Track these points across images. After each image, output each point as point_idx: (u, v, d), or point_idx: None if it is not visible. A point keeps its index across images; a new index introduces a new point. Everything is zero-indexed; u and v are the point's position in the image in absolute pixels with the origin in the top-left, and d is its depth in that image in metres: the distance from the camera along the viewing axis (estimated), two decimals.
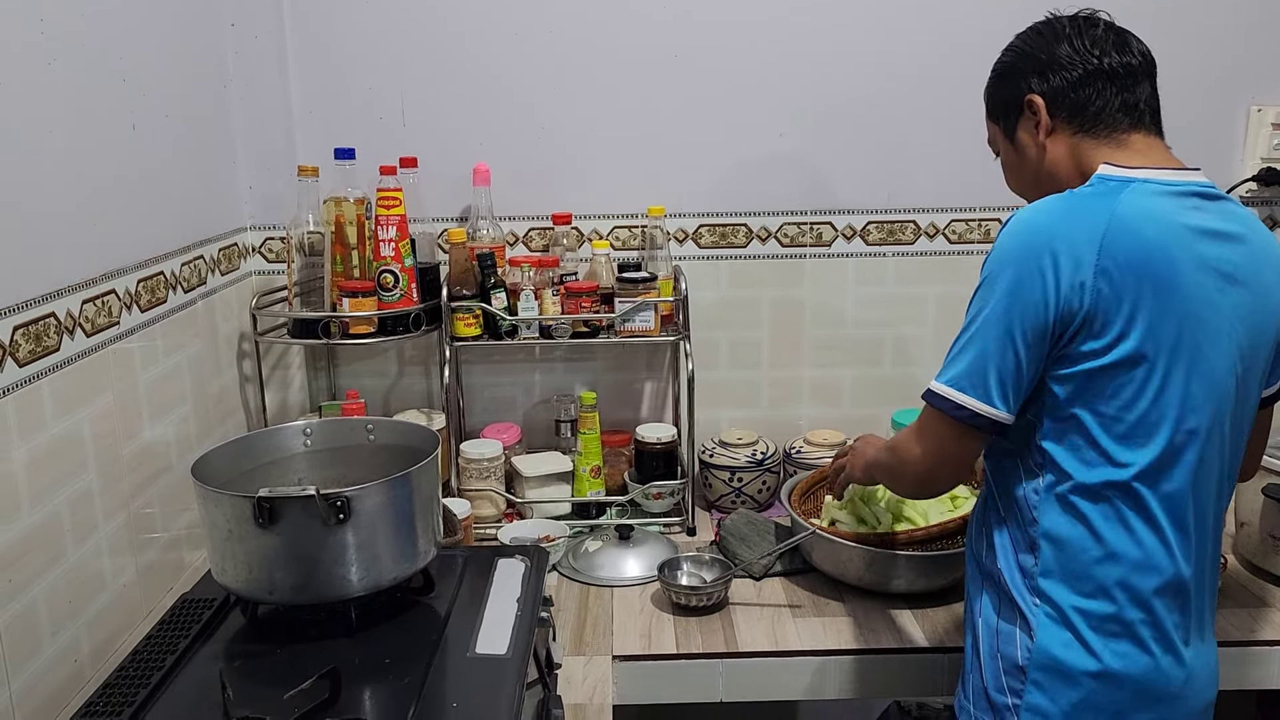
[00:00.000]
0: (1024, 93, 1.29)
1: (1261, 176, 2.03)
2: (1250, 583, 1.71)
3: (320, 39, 1.96)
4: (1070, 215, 1.16)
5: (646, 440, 1.98)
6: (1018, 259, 1.15)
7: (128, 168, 1.51)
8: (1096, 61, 1.24)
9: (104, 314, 1.42)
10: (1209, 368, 1.16)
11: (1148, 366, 1.14)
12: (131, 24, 1.53)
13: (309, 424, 1.43)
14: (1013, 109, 1.32)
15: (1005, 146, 1.36)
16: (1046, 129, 1.27)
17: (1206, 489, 1.21)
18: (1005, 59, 1.34)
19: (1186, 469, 1.17)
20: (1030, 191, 1.34)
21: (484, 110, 2.01)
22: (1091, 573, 1.18)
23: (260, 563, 1.19)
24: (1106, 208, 1.15)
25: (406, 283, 1.86)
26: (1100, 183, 1.20)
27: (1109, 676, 1.18)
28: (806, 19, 1.98)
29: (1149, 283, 1.13)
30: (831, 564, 1.67)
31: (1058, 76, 1.26)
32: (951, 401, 1.18)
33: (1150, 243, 1.13)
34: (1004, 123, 1.34)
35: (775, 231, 2.08)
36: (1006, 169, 1.38)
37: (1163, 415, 1.15)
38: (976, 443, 1.23)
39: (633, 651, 1.54)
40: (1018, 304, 1.14)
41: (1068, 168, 1.27)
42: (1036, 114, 1.28)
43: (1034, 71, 1.28)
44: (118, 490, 1.46)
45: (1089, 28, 1.27)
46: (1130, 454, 1.16)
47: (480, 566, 1.40)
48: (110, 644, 1.42)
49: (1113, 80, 1.24)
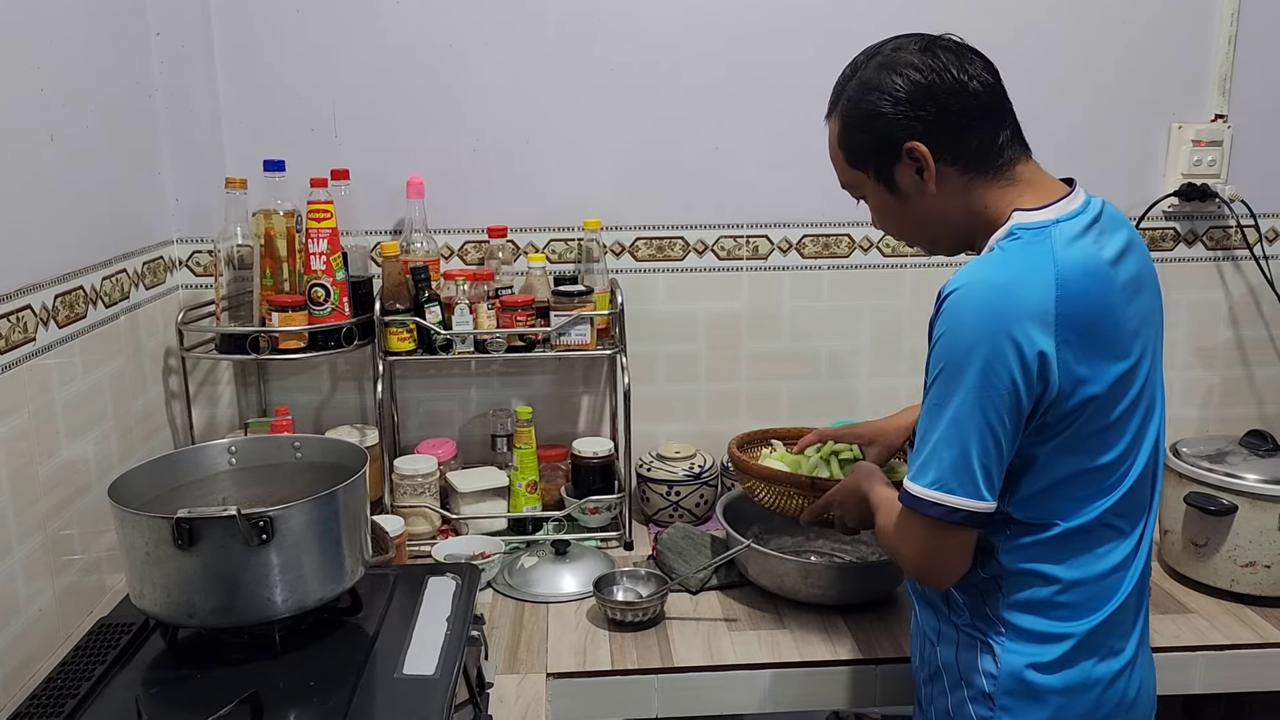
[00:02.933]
0: (901, 139, 1.19)
1: (1182, 192, 2.08)
2: (1174, 589, 1.75)
3: (249, 48, 1.93)
4: (1017, 287, 1.11)
5: (583, 455, 1.97)
6: (978, 344, 1.10)
7: (44, 180, 1.47)
8: (968, 94, 1.17)
9: (18, 330, 1.37)
10: (1153, 380, 1.20)
11: (1122, 411, 1.16)
12: (49, 31, 1.49)
13: (233, 442, 1.40)
14: (885, 155, 1.21)
15: (877, 193, 1.26)
16: (933, 175, 1.19)
17: (1151, 498, 1.24)
18: (865, 102, 1.20)
19: (1145, 482, 1.21)
20: (915, 236, 1.29)
21: (417, 122, 1.99)
22: (1056, 598, 1.19)
23: (180, 585, 1.16)
24: (1045, 271, 1.11)
25: (338, 296, 1.83)
26: (1022, 233, 1.16)
27: (1074, 690, 1.19)
28: (742, 32, 2.00)
29: (1100, 338, 1.13)
30: (768, 577, 1.67)
31: (935, 118, 1.17)
32: (943, 506, 1.13)
33: (1094, 299, 1.13)
34: (875, 169, 1.23)
35: (712, 244, 2.09)
36: (882, 215, 1.29)
37: (1129, 452, 1.18)
38: (970, 535, 1.18)
39: (567, 669, 1.53)
40: (990, 392, 1.10)
41: (959, 212, 1.21)
42: (919, 161, 1.19)
43: (908, 115, 1.18)
44: (33, 512, 1.41)
45: (946, 53, 1.18)
46: (1101, 498, 1.18)
47: (410, 585, 1.38)
48: (25, 671, 1.37)
49: (987, 112, 1.19)
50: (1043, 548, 1.18)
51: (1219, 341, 2.19)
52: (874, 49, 1.24)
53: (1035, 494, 1.17)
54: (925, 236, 1.28)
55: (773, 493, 1.62)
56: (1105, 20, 2.03)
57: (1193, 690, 1.61)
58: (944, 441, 1.12)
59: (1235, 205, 2.09)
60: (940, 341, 1.14)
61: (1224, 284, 2.17)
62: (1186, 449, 1.79)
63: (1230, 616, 1.66)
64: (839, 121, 1.26)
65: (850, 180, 1.29)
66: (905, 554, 1.21)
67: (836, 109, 1.27)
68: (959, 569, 1.20)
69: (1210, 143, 2.07)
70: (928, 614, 1.31)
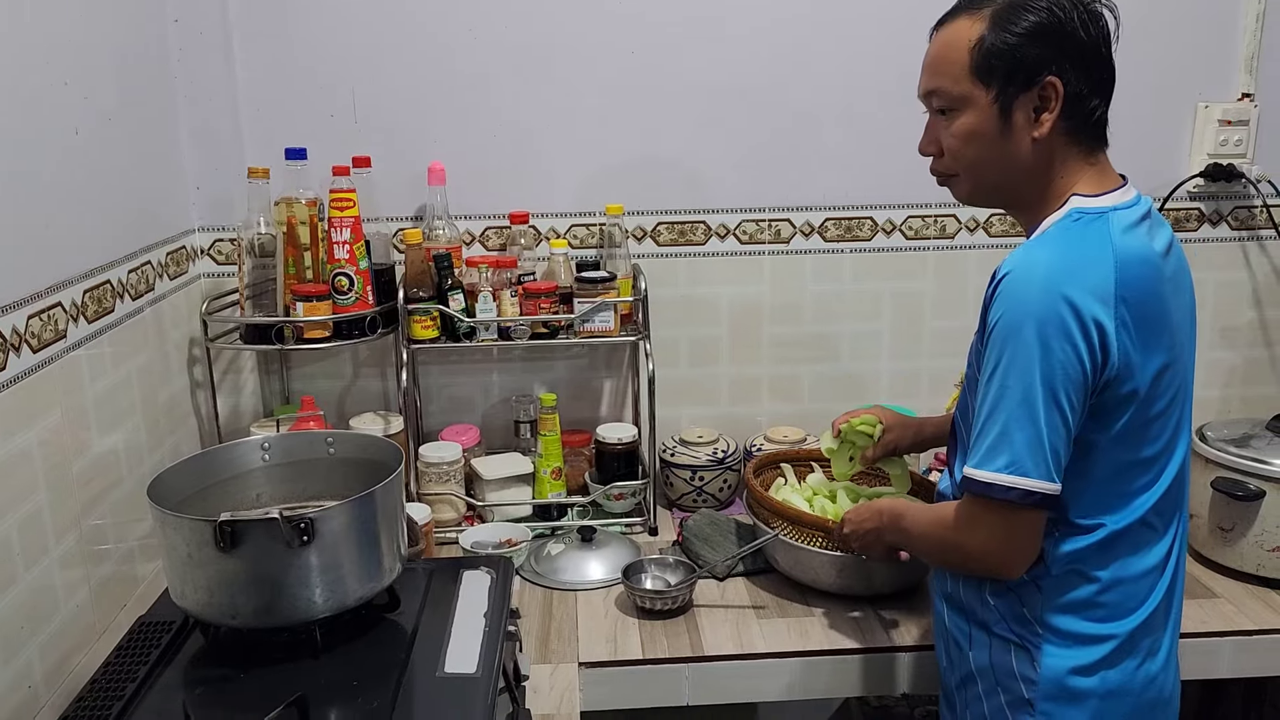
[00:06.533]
0: (1045, 69, 1.13)
1: (1208, 172, 2.06)
2: (1201, 574, 1.75)
3: (267, 34, 1.91)
4: (1076, 265, 1.10)
5: (607, 441, 1.97)
6: (1037, 315, 1.09)
7: (71, 174, 1.46)
8: (1109, 63, 1.17)
9: (50, 328, 1.37)
10: (1187, 379, 1.21)
11: (1164, 406, 1.16)
12: (71, 23, 1.47)
13: (267, 438, 1.40)
14: (1020, 79, 1.13)
15: (981, 115, 1.16)
16: (1052, 120, 1.15)
17: (1183, 495, 1.24)
18: (1039, 18, 1.13)
19: (1180, 482, 1.21)
20: (980, 173, 1.21)
21: (437, 107, 1.97)
22: (1098, 599, 1.19)
23: (222, 586, 1.17)
24: (1104, 252, 1.11)
25: (361, 285, 1.83)
26: (1081, 215, 1.16)
27: (1114, 693, 1.20)
28: (768, 19, 1.97)
29: (1151, 327, 1.13)
30: (799, 569, 1.66)
31: (1084, 67, 1.14)
32: (1019, 489, 1.10)
33: (1148, 286, 1.13)
34: (1000, 88, 1.14)
35: (734, 229, 2.08)
36: (966, 139, 1.18)
37: (1174, 446, 1.19)
38: (1043, 517, 1.15)
39: (599, 658, 1.54)
40: (1055, 365, 1.08)
41: (1039, 169, 1.18)
42: (1048, 100, 1.14)
43: (1066, 52, 1.13)
44: (68, 508, 1.42)
45: (1107, 18, 1.17)
46: (1145, 493, 1.18)
47: (445, 580, 1.39)
48: (64, 666, 1.38)
49: (1110, 87, 1.19)
50: (1089, 549, 1.18)
51: (1242, 322, 2.18)
52: None
53: (1091, 489, 1.17)
54: (990, 178, 1.21)
55: (791, 530, 1.64)
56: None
57: (1219, 675, 1.62)
58: (1015, 422, 1.10)
59: (1262, 185, 2.08)
60: (1000, 323, 1.12)
61: (1248, 264, 2.16)
62: (1212, 433, 1.79)
63: (1257, 601, 1.67)
64: (986, 22, 1.15)
65: (955, 91, 1.17)
66: (974, 547, 1.18)
67: (984, 8, 1.16)
68: (1034, 553, 1.17)
69: (1237, 122, 2.05)
70: (957, 617, 1.31)
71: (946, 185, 1.27)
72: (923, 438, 1.62)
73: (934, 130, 1.24)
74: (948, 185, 1.27)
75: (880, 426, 1.63)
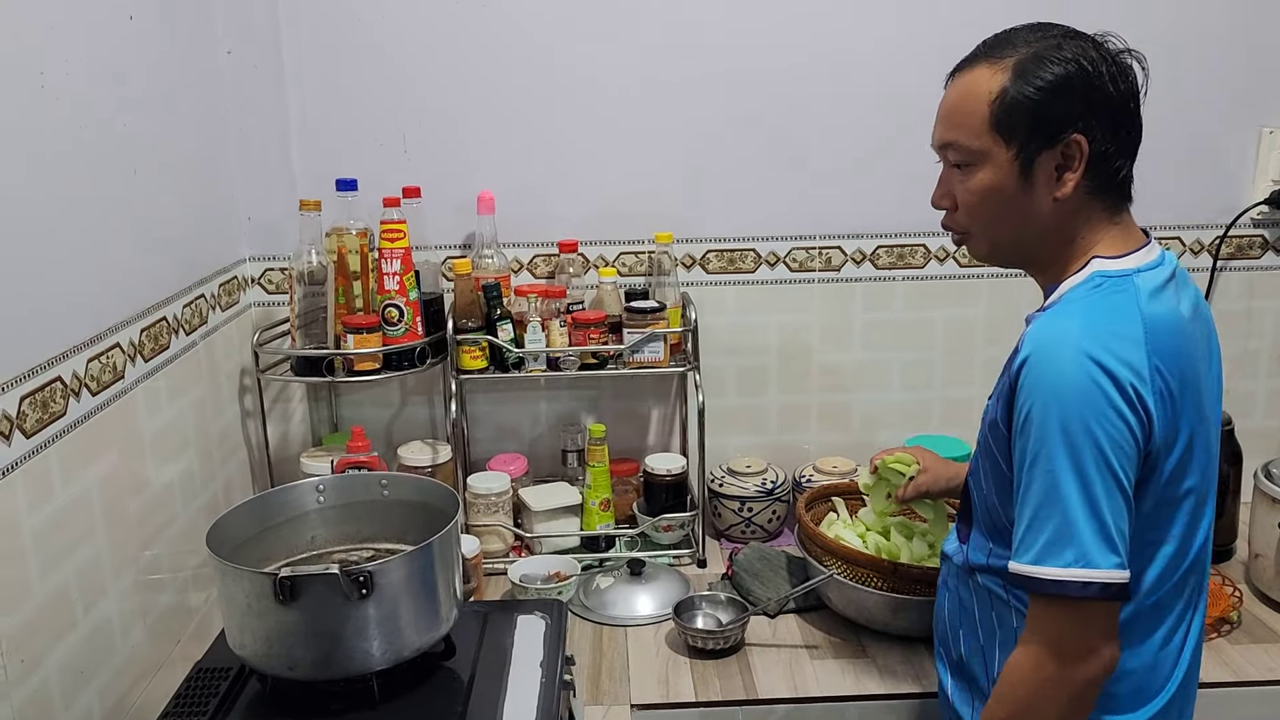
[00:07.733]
0: (1070, 126, 1.07)
1: (1273, 199, 2.01)
2: (1265, 615, 1.71)
3: (317, 65, 1.91)
4: (1109, 338, 1.03)
5: (656, 472, 1.96)
6: (1081, 397, 1.01)
7: (128, 214, 1.47)
8: (1137, 120, 1.11)
9: (109, 370, 1.38)
10: (1212, 450, 1.16)
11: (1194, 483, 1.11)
12: (128, 62, 1.47)
13: (321, 480, 1.41)
14: (1043, 136, 1.08)
15: (1000, 171, 1.10)
16: (1075, 179, 1.09)
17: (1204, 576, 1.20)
18: (1065, 70, 1.07)
19: (1199, 560, 1.17)
20: (996, 230, 1.15)
21: (485, 135, 1.96)
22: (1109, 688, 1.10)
23: (280, 638, 1.16)
24: (1133, 322, 1.05)
25: (411, 316, 1.83)
26: (1104, 281, 1.09)
27: None
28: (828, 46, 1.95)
29: (1185, 398, 1.07)
30: (853, 609, 1.65)
31: (1110, 125, 1.08)
32: (1095, 584, 1.01)
33: (1181, 356, 1.07)
34: (1022, 144, 1.08)
35: (784, 256, 2.05)
36: (983, 196, 1.12)
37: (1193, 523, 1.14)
38: (1116, 606, 1.06)
39: (651, 700, 1.52)
40: (1103, 435, 1.01)
41: (1059, 228, 1.12)
42: (1072, 158, 1.08)
43: (1093, 108, 1.06)
44: (126, 547, 1.42)
45: (1136, 70, 1.10)
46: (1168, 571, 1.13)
47: (499, 625, 1.38)
48: (122, 706, 1.38)
49: (1136, 145, 1.13)
50: None
51: None
52: (1073, 30, 1.12)
53: None
54: (1007, 235, 1.15)
55: (845, 569, 1.62)
56: (1192, 22, 1.96)
57: None
58: (1078, 508, 1.01)
59: None
60: (1035, 408, 1.04)
61: None
62: (1277, 470, 1.74)
63: None
64: (1008, 73, 1.08)
65: (973, 145, 1.12)
66: (1045, 657, 1.05)
67: (1005, 59, 1.09)
68: (1115, 643, 1.06)
69: None
70: (961, 695, 1.26)
71: (964, 244, 1.22)
72: (955, 484, 1.55)
73: (948, 182, 1.18)
74: (965, 244, 1.22)
75: (916, 466, 1.60)
